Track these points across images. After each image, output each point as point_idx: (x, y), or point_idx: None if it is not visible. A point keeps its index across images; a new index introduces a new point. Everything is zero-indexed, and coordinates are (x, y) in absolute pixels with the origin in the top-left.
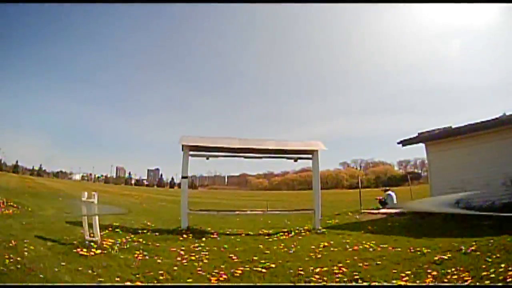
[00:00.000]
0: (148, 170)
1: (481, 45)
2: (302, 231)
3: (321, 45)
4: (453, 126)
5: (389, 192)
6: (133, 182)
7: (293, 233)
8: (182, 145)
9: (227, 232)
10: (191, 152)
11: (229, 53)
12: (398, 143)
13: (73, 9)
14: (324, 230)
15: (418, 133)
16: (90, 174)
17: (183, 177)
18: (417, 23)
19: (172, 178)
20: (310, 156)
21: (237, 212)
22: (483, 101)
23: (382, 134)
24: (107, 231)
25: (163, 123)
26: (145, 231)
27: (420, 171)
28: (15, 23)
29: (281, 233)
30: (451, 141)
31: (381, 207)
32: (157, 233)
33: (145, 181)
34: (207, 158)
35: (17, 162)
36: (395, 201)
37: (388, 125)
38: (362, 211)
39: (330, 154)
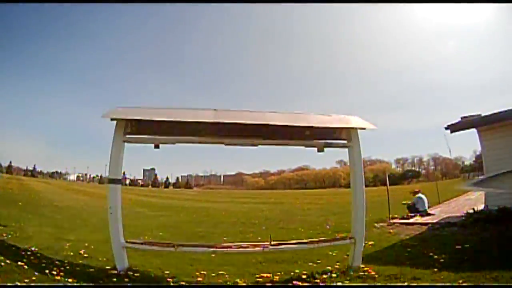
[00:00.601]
0: (143, 169)
1: (480, 43)
2: (333, 272)
3: (319, 45)
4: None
5: (420, 194)
6: (127, 182)
7: (318, 281)
8: (115, 122)
9: (197, 280)
10: (129, 136)
11: (228, 53)
12: (446, 128)
13: (72, 9)
14: (368, 269)
15: (461, 118)
16: (86, 174)
17: (110, 181)
18: (416, 22)
19: (167, 178)
20: (344, 141)
21: (212, 250)
22: (482, 100)
23: (381, 132)
24: (4, 264)
25: None
26: (62, 268)
27: (418, 169)
28: (14, 24)
29: (297, 282)
30: None
31: (412, 214)
32: (71, 279)
33: (140, 181)
34: (157, 146)
35: (10, 162)
36: (426, 205)
37: (386, 123)
38: (391, 221)
39: (327, 153)
